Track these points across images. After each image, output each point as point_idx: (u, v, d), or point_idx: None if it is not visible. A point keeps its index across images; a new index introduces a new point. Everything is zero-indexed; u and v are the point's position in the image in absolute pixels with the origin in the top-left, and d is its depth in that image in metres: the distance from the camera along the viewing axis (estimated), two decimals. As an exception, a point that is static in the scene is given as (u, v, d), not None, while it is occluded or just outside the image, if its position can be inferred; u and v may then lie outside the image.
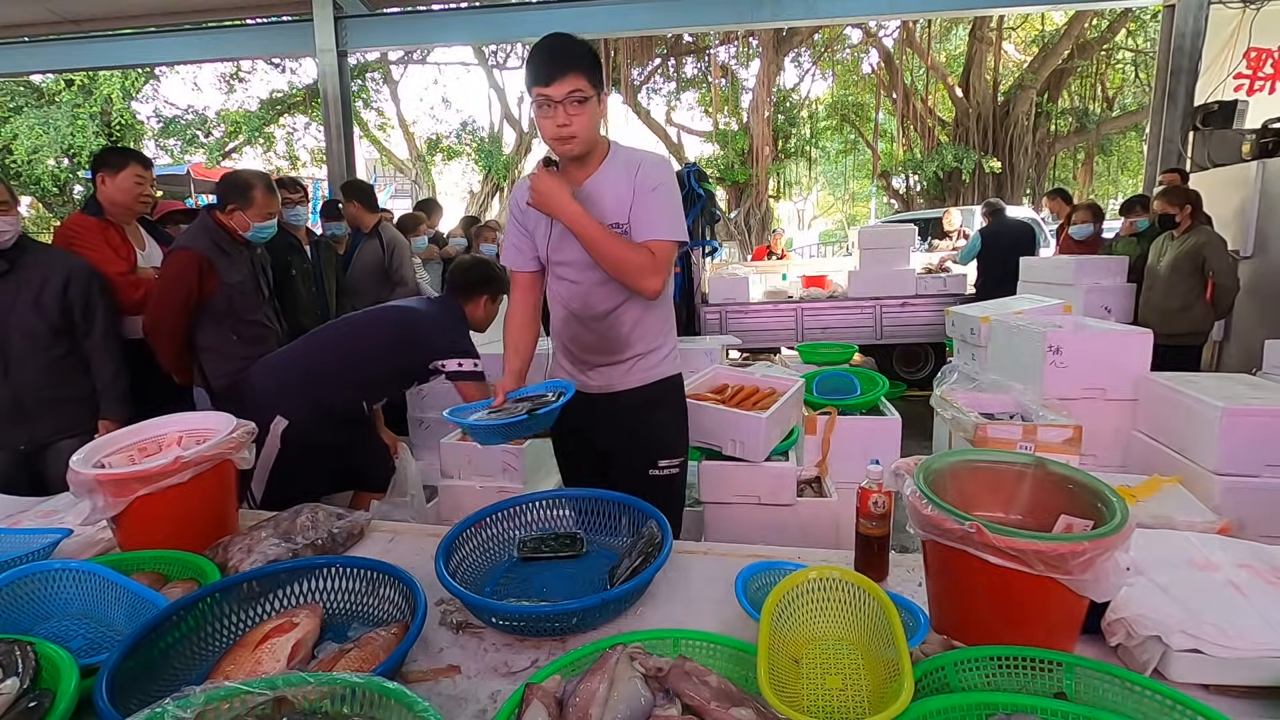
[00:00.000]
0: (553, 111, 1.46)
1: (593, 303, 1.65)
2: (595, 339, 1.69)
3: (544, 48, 1.47)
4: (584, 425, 1.73)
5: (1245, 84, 5.87)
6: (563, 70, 1.44)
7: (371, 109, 17.24)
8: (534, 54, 1.48)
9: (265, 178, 2.52)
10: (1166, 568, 1.07)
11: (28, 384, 2.17)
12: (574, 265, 1.63)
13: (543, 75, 1.45)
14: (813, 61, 17.37)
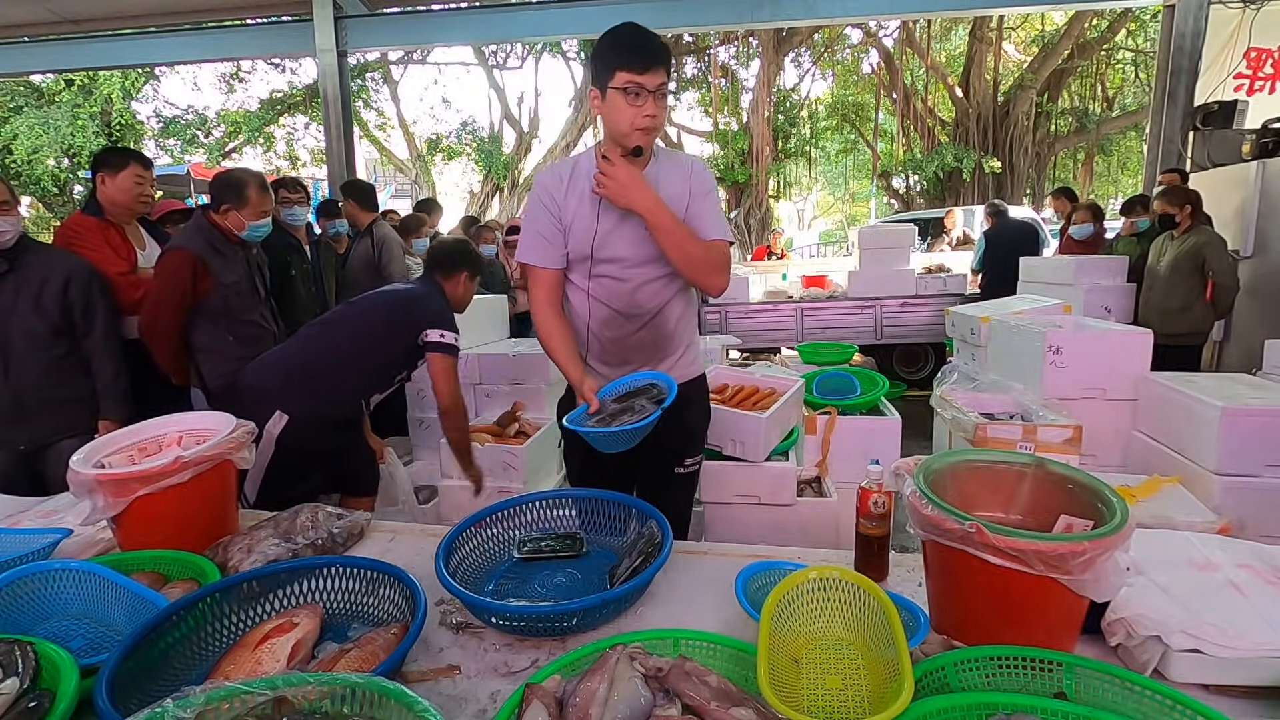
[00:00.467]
0: (642, 100, 1.45)
1: (640, 300, 1.62)
2: (643, 337, 1.67)
3: (637, 35, 1.46)
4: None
5: (1245, 84, 5.87)
6: (657, 61, 1.44)
7: (371, 109, 17.24)
8: (624, 39, 1.45)
9: (259, 176, 2.51)
10: (1166, 568, 1.07)
11: (28, 384, 2.17)
12: (621, 262, 1.59)
13: (639, 62, 1.43)
14: (813, 61, 17.37)
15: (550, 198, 1.60)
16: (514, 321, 4.44)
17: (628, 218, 1.56)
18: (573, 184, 1.59)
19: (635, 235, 1.58)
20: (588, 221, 1.58)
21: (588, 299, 1.64)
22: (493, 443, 2.89)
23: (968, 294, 6.00)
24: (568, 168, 1.62)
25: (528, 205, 1.65)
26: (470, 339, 3.41)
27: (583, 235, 1.58)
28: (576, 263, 1.63)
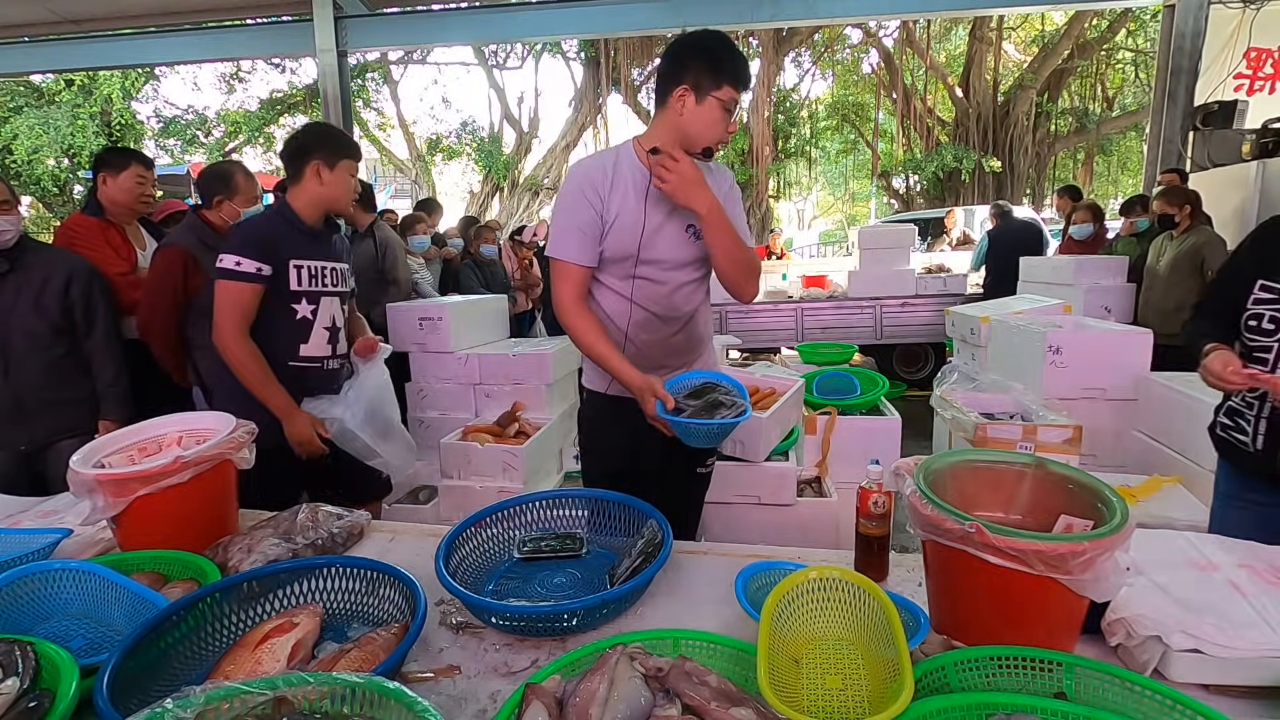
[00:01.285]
0: (733, 118, 1.51)
1: (677, 303, 1.62)
2: (677, 341, 1.67)
3: (741, 54, 1.50)
4: (652, 436, 1.60)
5: (1245, 84, 5.87)
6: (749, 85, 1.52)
7: (371, 109, 17.26)
8: (737, 56, 1.49)
9: (240, 164, 2.59)
10: (1167, 568, 1.07)
11: (28, 384, 2.17)
12: (663, 264, 1.58)
13: (745, 83, 1.50)
14: (813, 61, 17.37)
15: (595, 192, 1.52)
16: (514, 321, 4.44)
17: (672, 218, 1.56)
18: (617, 179, 1.53)
19: (677, 237, 1.58)
20: (633, 218, 1.53)
21: (628, 302, 1.60)
22: (493, 443, 2.90)
23: (968, 294, 6.00)
24: (609, 161, 1.55)
25: (565, 197, 1.55)
26: (470, 339, 3.42)
27: (628, 233, 1.54)
28: (615, 263, 1.57)
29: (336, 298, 2.07)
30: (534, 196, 17.11)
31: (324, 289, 2.02)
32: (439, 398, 3.37)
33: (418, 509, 3.06)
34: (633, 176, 1.55)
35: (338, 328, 2.09)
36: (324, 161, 1.94)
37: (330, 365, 2.08)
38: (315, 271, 2.00)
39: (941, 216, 8.88)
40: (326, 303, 2.03)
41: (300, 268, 1.96)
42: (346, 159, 1.98)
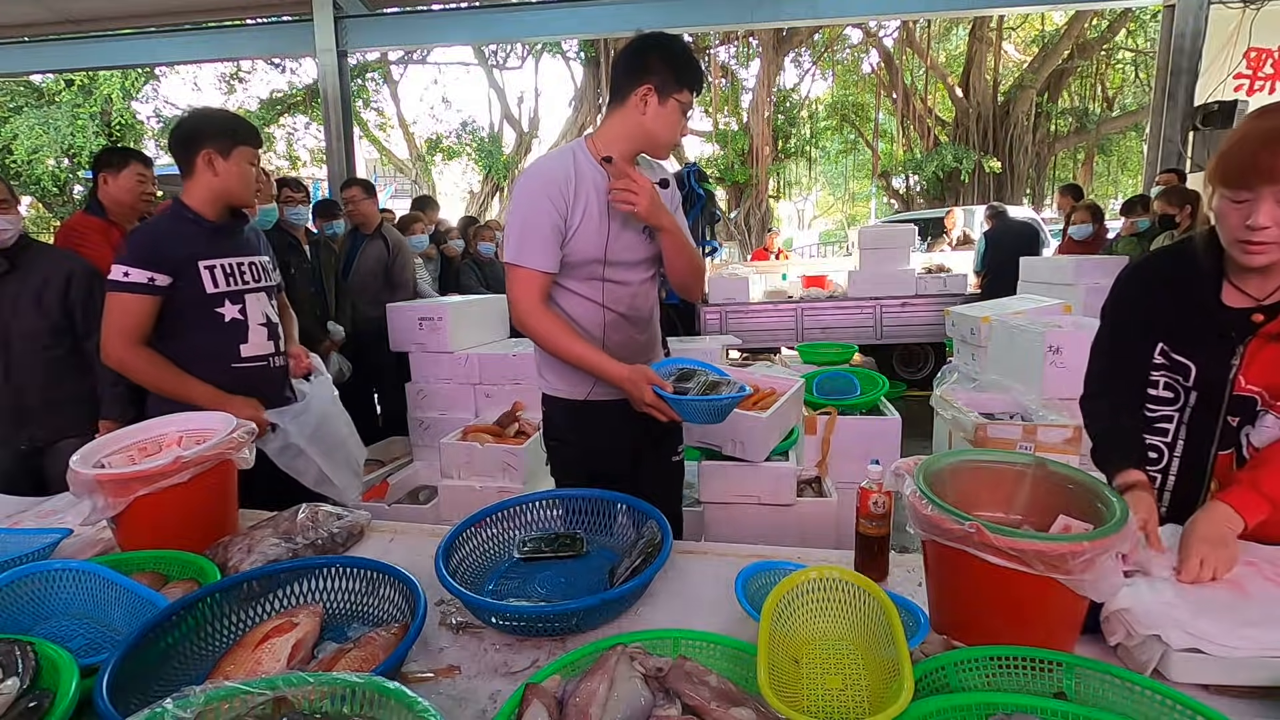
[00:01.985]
0: (685, 119, 1.56)
1: (639, 304, 1.66)
2: (642, 340, 1.70)
3: (696, 57, 1.55)
4: (618, 433, 1.65)
5: (1245, 84, 5.87)
6: None
7: (371, 109, 17.25)
8: (693, 59, 1.54)
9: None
10: (1169, 565, 1.06)
11: (29, 384, 2.17)
12: (629, 266, 1.61)
13: (701, 86, 1.55)
14: (813, 61, 17.38)
15: (560, 196, 1.50)
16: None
17: (629, 223, 1.57)
18: (580, 183, 1.52)
19: (636, 238, 1.60)
20: (598, 223, 1.53)
21: (599, 307, 1.60)
22: (493, 443, 2.90)
23: (968, 294, 6.01)
24: (569, 164, 1.53)
25: (527, 200, 1.52)
26: (470, 339, 3.42)
27: (594, 238, 1.53)
28: (581, 266, 1.56)
29: (263, 293, 1.96)
30: (534, 196, 17.07)
31: (246, 286, 1.91)
32: (439, 398, 3.37)
33: (418, 509, 3.06)
34: (594, 179, 1.53)
35: (274, 323, 1.99)
36: (216, 150, 1.79)
37: (277, 363, 2.00)
38: (231, 269, 1.88)
39: (941, 216, 8.88)
40: (254, 300, 1.92)
41: (213, 268, 1.83)
42: (243, 145, 1.82)
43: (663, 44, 1.52)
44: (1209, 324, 1.15)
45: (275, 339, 1.99)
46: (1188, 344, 1.17)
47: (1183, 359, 1.17)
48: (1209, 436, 1.19)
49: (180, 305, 1.80)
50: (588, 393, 1.65)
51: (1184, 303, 1.19)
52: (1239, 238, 1.06)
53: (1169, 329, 1.21)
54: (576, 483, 1.71)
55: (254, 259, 1.96)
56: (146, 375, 1.79)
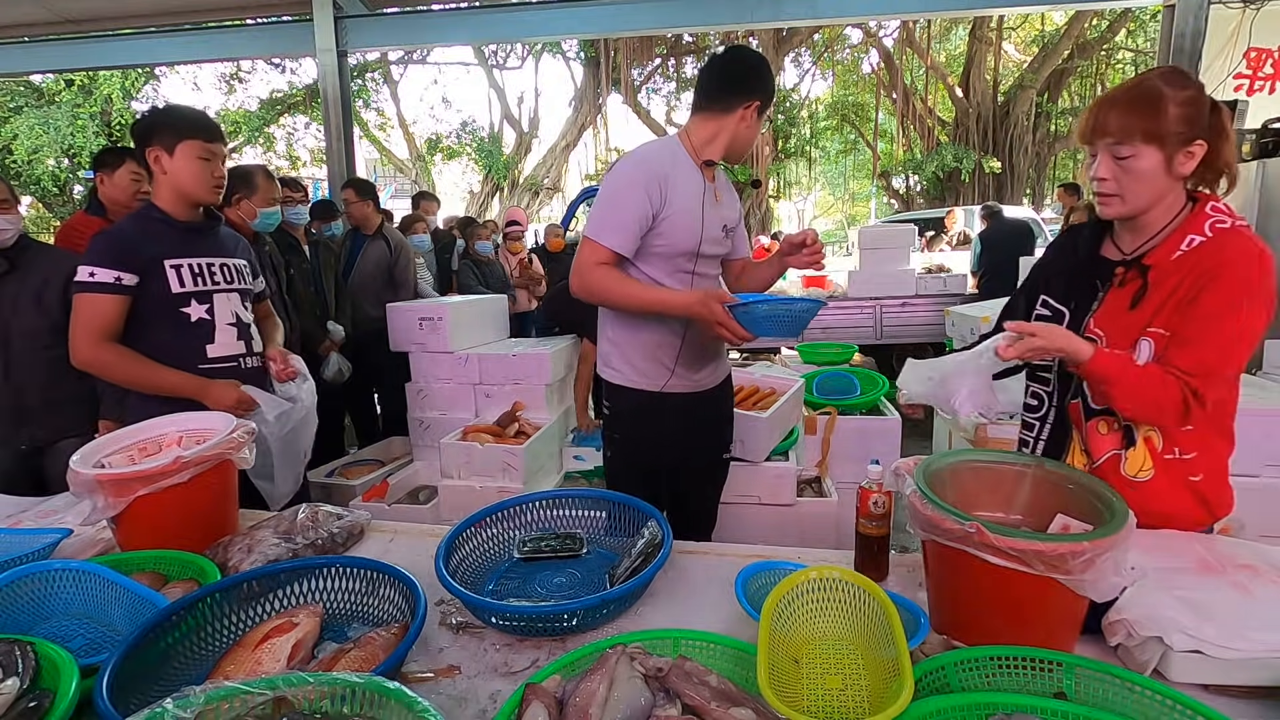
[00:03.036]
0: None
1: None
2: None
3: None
4: (677, 429, 1.73)
5: (1245, 84, 5.87)
6: None
7: (371, 109, 17.25)
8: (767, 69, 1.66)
9: (263, 166, 2.60)
10: (1171, 568, 1.06)
11: (29, 384, 2.17)
12: (713, 260, 1.74)
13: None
14: (813, 61, 17.38)
15: (659, 189, 1.57)
16: (514, 321, 4.44)
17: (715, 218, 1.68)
18: (677, 177, 1.61)
19: (720, 236, 1.71)
20: (694, 219, 1.62)
21: None
22: (493, 443, 2.90)
23: (968, 294, 6.01)
24: (668, 159, 1.62)
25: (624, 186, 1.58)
26: (470, 339, 3.42)
27: (688, 232, 1.62)
28: (671, 259, 1.64)
29: (235, 294, 1.91)
30: (534, 196, 17.11)
31: (215, 287, 1.86)
32: (439, 398, 3.37)
33: (418, 509, 3.06)
34: (689, 175, 1.64)
35: (246, 324, 1.93)
36: (161, 147, 1.74)
37: (249, 364, 1.93)
38: (199, 269, 1.84)
39: (941, 216, 8.88)
40: (223, 300, 1.87)
41: (179, 267, 1.80)
42: (189, 139, 1.74)
43: (766, 65, 1.66)
44: (1084, 275, 1.26)
45: (247, 340, 1.93)
46: (1065, 293, 1.28)
47: (1060, 306, 1.28)
48: (1067, 384, 1.29)
49: (146, 305, 1.76)
50: (664, 384, 1.69)
51: (1071, 259, 1.31)
52: (1095, 190, 1.18)
53: (1052, 282, 1.34)
54: (636, 475, 1.77)
55: (226, 260, 1.91)
56: (117, 371, 1.74)
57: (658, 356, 1.69)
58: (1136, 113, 1.10)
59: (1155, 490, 1.17)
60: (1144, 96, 1.10)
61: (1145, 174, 1.12)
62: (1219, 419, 1.19)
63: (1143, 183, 1.12)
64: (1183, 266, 1.12)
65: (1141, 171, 1.12)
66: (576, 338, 3.59)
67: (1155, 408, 1.10)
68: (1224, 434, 1.21)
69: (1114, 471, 1.19)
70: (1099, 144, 1.14)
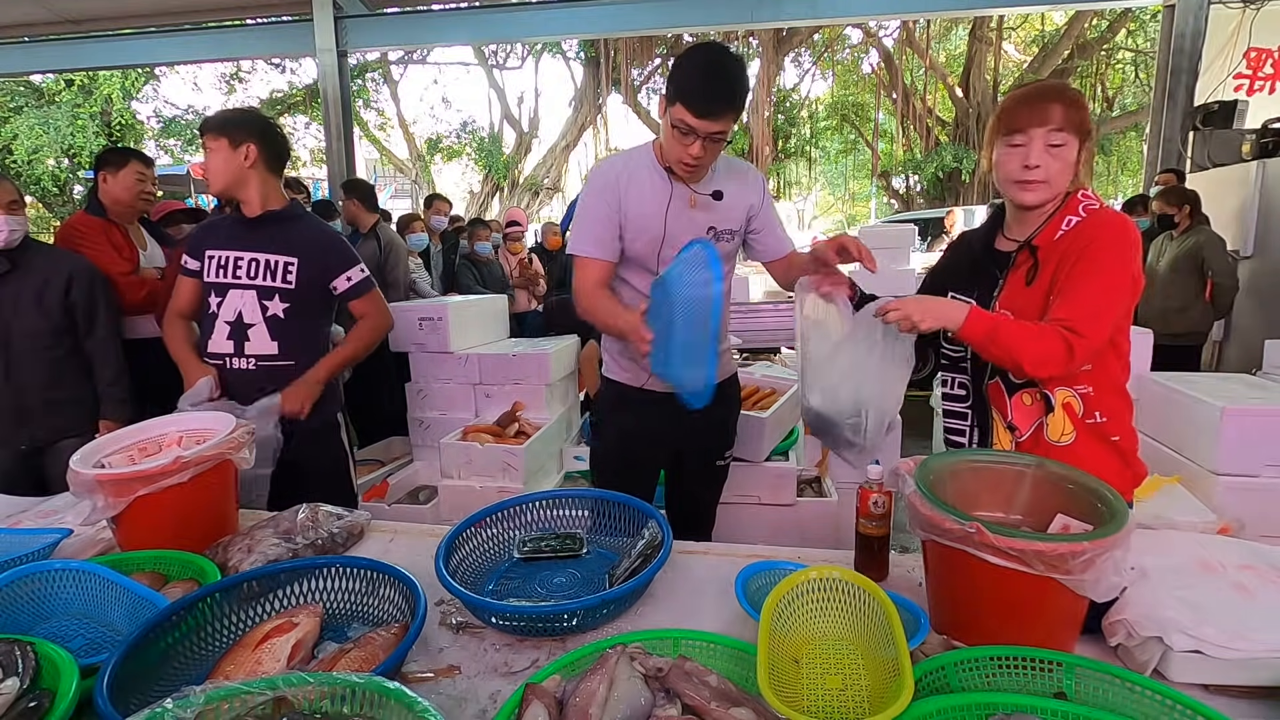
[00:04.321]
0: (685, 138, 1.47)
1: None
2: None
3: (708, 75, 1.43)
4: (663, 426, 1.73)
5: (1245, 84, 5.87)
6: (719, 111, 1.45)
7: (371, 109, 17.24)
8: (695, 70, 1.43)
9: None
10: (1172, 568, 1.06)
11: (29, 384, 2.17)
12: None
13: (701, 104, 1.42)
14: (813, 61, 17.37)
15: (613, 194, 1.57)
16: (514, 321, 4.44)
17: (689, 229, 1.59)
18: (633, 184, 1.58)
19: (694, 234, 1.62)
20: (654, 232, 1.59)
21: None
22: (493, 443, 2.89)
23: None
24: (625, 166, 1.60)
25: (586, 198, 1.61)
26: (470, 339, 3.42)
27: (647, 242, 1.60)
28: (638, 264, 1.64)
29: (253, 291, 1.89)
30: (534, 196, 17.10)
31: (233, 281, 1.88)
32: (439, 398, 3.36)
33: (418, 509, 3.06)
34: (649, 181, 1.58)
35: (246, 324, 1.89)
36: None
37: (236, 366, 1.90)
38: (225, 262, 1.89)
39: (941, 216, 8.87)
40: (234, 296, 1.88)
41: (213, 258, 1.90)
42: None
43: (681, 59, 1.47)
44: (983, 266, 1.36)
45: (239, 340, 1.90)
46: (967, 285, 1.38)
47: (965, 298, 1.35)
48: (982, 370, 1.36)
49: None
50: (645, 381, 1.72)
51: (968, 255, 1.41)
52: (1016, 178, 1.25)
53: (955, 278, 1.44)
54: (612, 465, 1.80)
55: (260, 255, 1.90)
56: (169, 345, 1.97)
57: (635, 355, 1.67)
58: (1074, 106, 1.22)
59: (1079, 453, 1.26)
60: (1073, 94, 1.25)
61: (1068, 163, 1.24)
62: (1117, 383, 1.30)
63: (1064, 172, 1.24)
64: (1064, 243, 1.25)
65: (1066, 161, 1.23)
66: (579, 339, 3.62)
67: (1041, 354, 1.18)
68: (1127, 400, 1.32)
69: (1039, 441, 1.29)
70: (1034, 132, 1.22)
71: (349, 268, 2.03)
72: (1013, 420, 1.31)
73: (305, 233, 1.98)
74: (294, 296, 1.93)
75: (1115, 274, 1.20)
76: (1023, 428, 1.30)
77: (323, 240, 2.02)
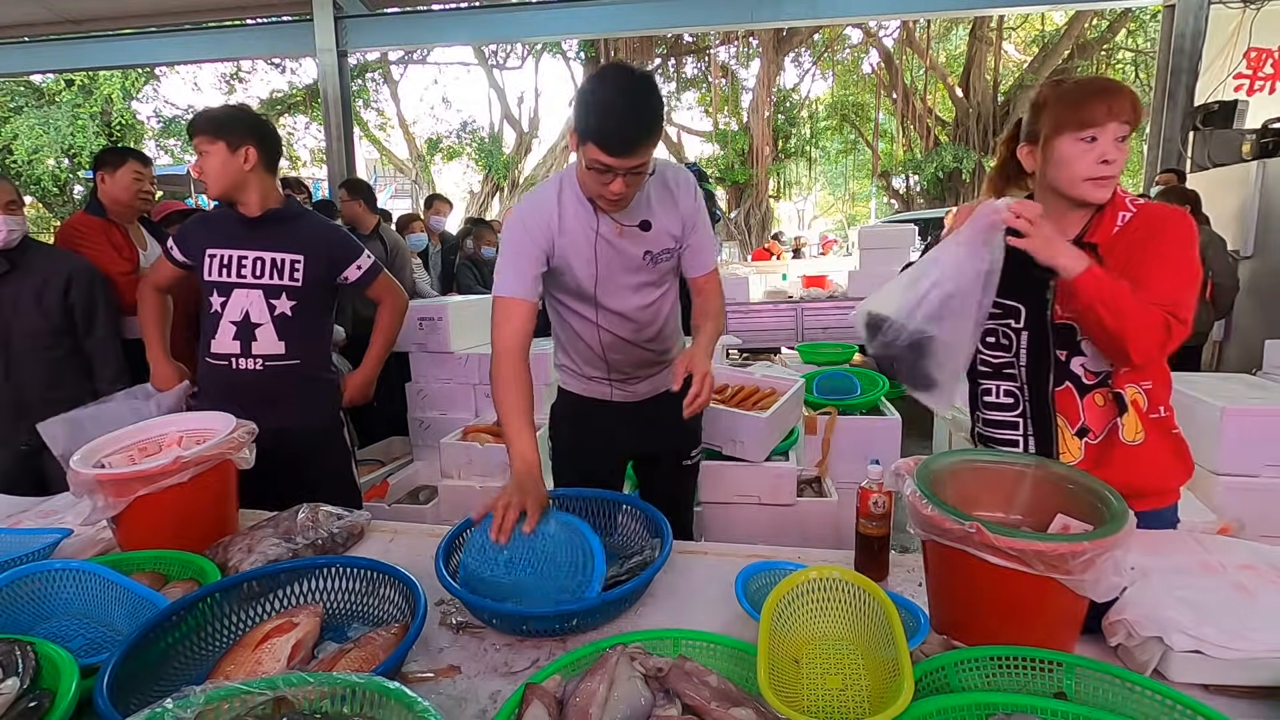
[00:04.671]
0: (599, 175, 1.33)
1: (644, 322, 1.61)
2: (649, 354, 1.67)
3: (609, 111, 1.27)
4: (620, 433, 1.70)
5: (1245, 84, 5.87)
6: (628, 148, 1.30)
7: (371, 109, 17.24)
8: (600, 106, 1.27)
9: None
10: (1172, 568, 1.06)
11: (29, 384, 2.17)
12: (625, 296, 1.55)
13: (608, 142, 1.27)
14: (813, 61, 17.37)
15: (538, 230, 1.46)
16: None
17: (622, 256, 1.50)
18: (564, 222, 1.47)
19: (632, 274, 1.53)
20: (586, 268, 1.50)
21: (595, 327, 1.60)
22: (493, 443, 2.89)
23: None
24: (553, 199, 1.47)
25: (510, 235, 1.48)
26: (470, 339, 3.42)
27: (583, 279, 1.51)
28: (577, 295, 1.56)
29: (259, 290, 1.86)
30: (534, 196, 17.07)
31: (238, 281, 1.85)
32: (439, 398, 3.37)
33: (418, 509, 3.06)
34: (578, 218, 1.46)
35: (254, 324, 1.87)
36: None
37: (242, 365, 1.86)
38: (229, 261, 1.85)
39: (941, 217, 8.88)
40: (240, 296, 1.85)
41: (215, 257, 1.86)
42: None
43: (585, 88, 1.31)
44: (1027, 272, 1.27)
45: (245, 340, 1.87)
46: (1013, 290, 1.29)
47: (1012, 303, 1.30)
48: (1046, 375, 1.29)
49: (203, 289, 1.92)
50: (610, 395, 1.70)
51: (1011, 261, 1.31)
52: (1091, 175, 1.22)
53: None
54: (568, 477, 1.75)
55: (266, 254, 1.87)
56: (140, 314, 2.05)
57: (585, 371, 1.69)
58: (1135, 99, 1.23)
59: (1150, 451, 1.25)
60: (1130, 90, 1.24)
61: (1126, 158, 1.24)
62: (1168, 376, 1.29)
63: (1122, 167, 1.25)
64: (1124, 238, 1.24)
65: (1127, 156, 1.25)
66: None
67: (1145, 328, 1.14)
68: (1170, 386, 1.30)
69: (1114, 443, 1.25)
70: (1109, 126, 1.20)
71: (357, 257, 2.04)
72: (1086, 423, 1.26)
73: (308, 229, 1.97)
74: (301, 294, 1.91)
75: (1190, 266, 1.22)
76: (1096, 429, 1.26)
77: (326, 235, 2.02)
